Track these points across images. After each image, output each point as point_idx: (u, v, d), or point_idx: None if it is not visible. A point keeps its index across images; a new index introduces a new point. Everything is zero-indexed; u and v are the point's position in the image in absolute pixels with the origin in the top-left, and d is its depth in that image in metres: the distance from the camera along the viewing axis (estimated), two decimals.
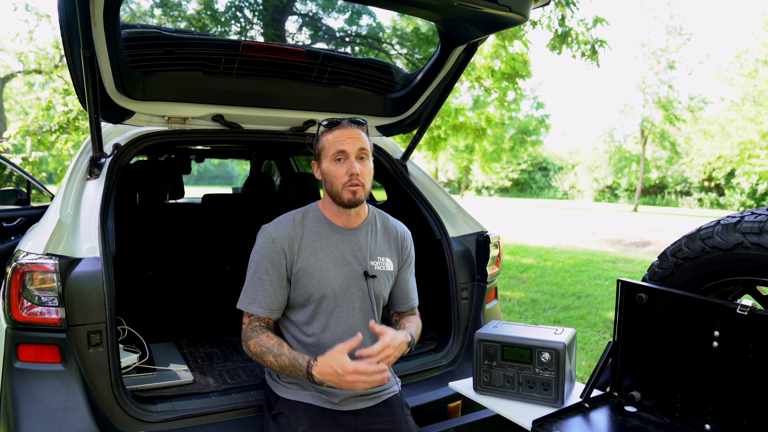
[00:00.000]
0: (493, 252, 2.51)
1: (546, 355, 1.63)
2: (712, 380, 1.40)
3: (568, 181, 40.57)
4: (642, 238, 12.17)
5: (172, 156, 4.80)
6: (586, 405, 1.59)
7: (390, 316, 1.90)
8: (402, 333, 1.63)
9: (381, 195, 3.28)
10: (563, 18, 7.44)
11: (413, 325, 1.78)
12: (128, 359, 2.07)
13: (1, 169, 4.72)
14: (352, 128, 1.66)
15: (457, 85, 2.62)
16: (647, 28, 28.59)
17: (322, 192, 1.78)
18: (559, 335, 1.68)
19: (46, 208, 2.48)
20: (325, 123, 1.69)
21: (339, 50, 2.98)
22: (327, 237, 1.71)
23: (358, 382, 1.46)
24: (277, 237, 1.66)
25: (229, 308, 1.74)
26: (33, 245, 1.75)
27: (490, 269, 2.50)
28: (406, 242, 1.85)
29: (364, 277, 1.71)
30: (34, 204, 4.12)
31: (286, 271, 1.67)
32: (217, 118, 2.42)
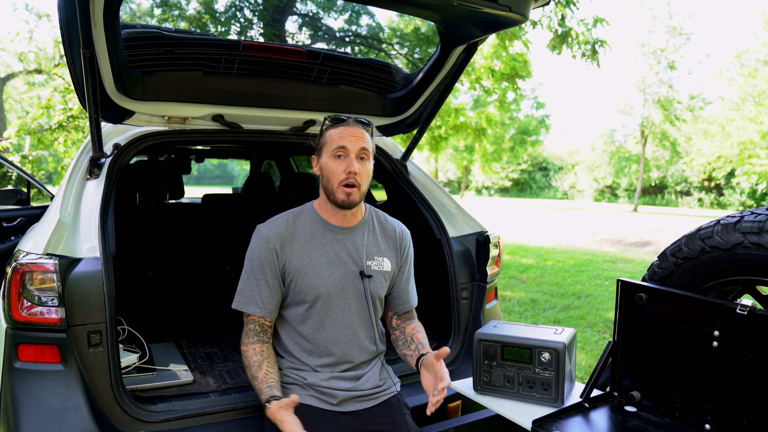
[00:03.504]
0: (493, 252, 2.51)
1: (546, 355, 1.63)
2: (712, 380, 1.40)
3: (568, 181, 40.56)
4: (642, 238, 12.16)
5: (172, 156, 4.80)
6: (586, 405, 1.59)
7: (389, 319, 1.89)
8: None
9: (381, 195, 3.28)
10: (563, 18, 7.44)
11: (425, 339, 1.78)
12: (128, 359, 2.07)
13: (1, 169, 4.72)
14: (356, 127, 1.66)
15: (457, 85, 2.62)
16: (647, 28, 28.59)
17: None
18: (559, 335, 1.68)
19: (46, 208, 2.48)
20: (330, 118, 1.69)
21: (339, 50, 2.98)
22: (321, 236, 1.70)
23: None
24: (270, 236, 1.66)
25: (229, 308, 1.74)
26: (33, 245, 1.75)
27: (490, 269, 2.50)
28: (404, 241, 1.84)
29: (360, 276, 1.71)
30: (34, 204, 4.12)
31: (279, 271, 1.67)
32: (217, 118, 2.42)
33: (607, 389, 1.67)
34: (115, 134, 2.37)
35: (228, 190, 8.84)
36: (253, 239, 1.70)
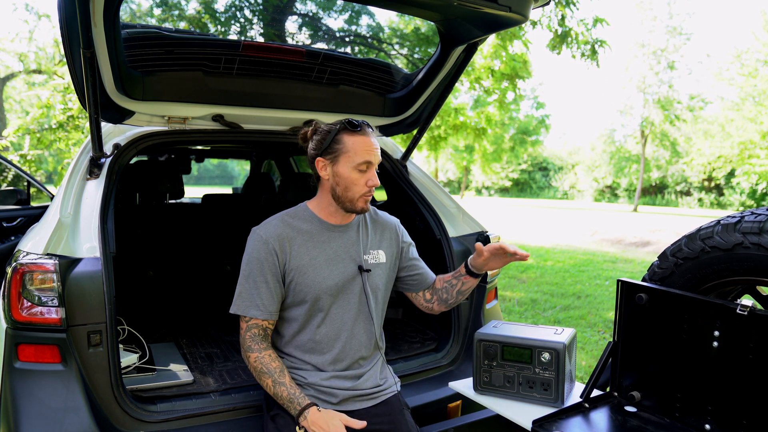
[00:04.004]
0: None
1: (546, 355, 1.63)
2: (712, 380, 1.40)
3: (568, 181, 40.55)
4: (642, 238, 12.16)
5: (172, 156, 4.80)
6: (586, 405, 1.59)
7: (421, 298, 1.89)
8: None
9: (381, 195, 3.28)
10: (563, 18, 7.44)
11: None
12: (128, 359, 2.07)
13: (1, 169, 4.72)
14: (373, 137, 1.67)
15: (457, 85, 2.62)
16: (647, 28, 28.58)
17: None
18: (559, 335, 1.68)
19: (46, 208, 2.48)
20: (346, 123, 1.65)
21: (339, 50, 2.98)
22: (319, 235, 1.71)
23: None
24: (268, 238, 1.66)
25: (229, 308, 1.74)
26: (33, 245, 1.75)
27: None
28: (398, 230, 1.89)
29: (359, 271, 1.72)
30: (34, 204, 4.13)
31: (280, 272, 1.66)
32: (217, 118, 2.42)
33: (607, 389, 1.67)
34: (115, 134, 2.38)
35: (228, 190, 8.84)
36: (250, 242, 1.68)
